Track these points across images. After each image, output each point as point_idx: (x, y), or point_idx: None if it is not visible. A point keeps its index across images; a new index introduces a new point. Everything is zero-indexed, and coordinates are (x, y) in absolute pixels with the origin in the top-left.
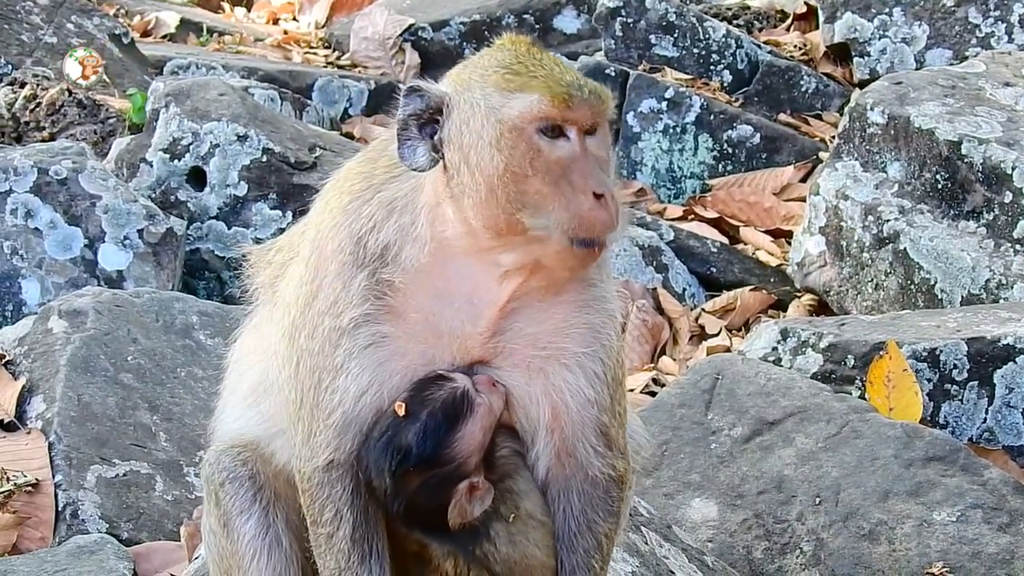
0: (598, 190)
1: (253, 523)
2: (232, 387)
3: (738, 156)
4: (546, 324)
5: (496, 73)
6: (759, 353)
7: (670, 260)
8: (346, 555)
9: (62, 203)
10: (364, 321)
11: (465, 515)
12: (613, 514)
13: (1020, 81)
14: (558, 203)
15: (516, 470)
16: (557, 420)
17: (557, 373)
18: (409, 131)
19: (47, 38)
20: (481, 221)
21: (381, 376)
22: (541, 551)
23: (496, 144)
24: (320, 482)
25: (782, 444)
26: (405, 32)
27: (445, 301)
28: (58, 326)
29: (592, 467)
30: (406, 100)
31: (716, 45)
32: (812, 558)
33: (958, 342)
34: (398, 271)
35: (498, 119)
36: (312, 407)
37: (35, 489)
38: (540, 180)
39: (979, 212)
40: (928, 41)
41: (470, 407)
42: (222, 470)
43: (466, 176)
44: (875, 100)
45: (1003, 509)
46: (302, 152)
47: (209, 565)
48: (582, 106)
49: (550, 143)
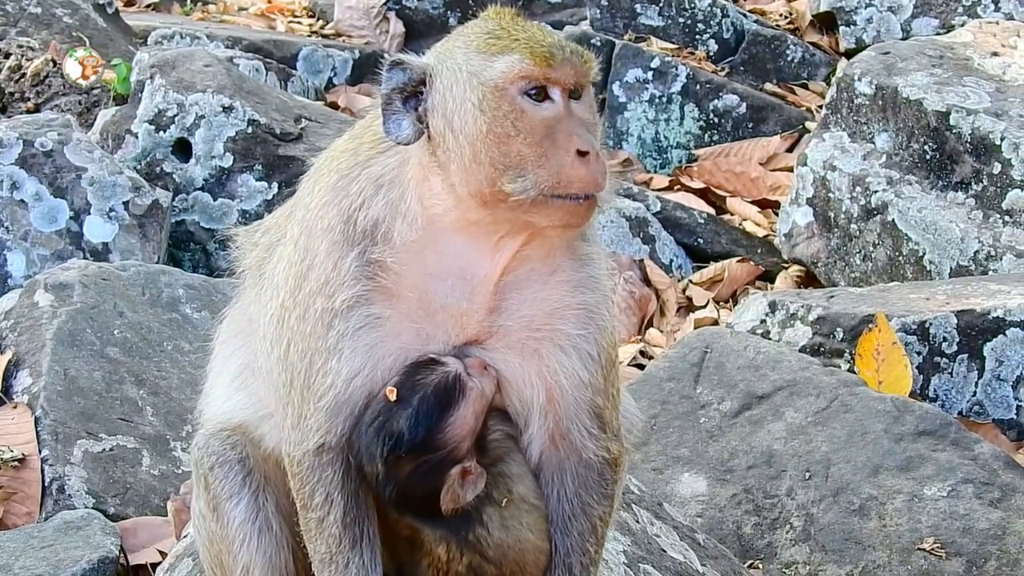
0: (582, 148)
1: (243, 507)
2: (219, 369)
3: (724, 126)
4: (542, 305)
5: (479, 39)
6: (747, 325)
7: (657, 231)
8: (337, 539)
9: (47, 175)
10: (357, 302)
11: (458, 500)
12: (607, 497)
13: (1008, 51)
14: (539, 163)
15: (508, 454)
16: (551, 402)
17: (552, 355)
18: (393, 105)
19: (31, 8)
20: (466, 188)
21: (374, 358)
22: (535, 535)
23: (479, 106)
24: (311, 466)
25: (771, 418)
26: (389, 1)
27: (438, 279)
28: (44, 300)
29: (586, 449)
30: (389, 74)
31: (702, 14)
32: (802, 533)
33: (947, 315)
34: (389, 250)
35: (480, 81)
36: (303, 389)
37: (21, 464)
38: (522, 141)
39: (968, 183)
40: (914, 10)
41: (462, 391)
42: (211, 454)
43: (451, 142)
44: (863, 70)
45: (994, 484)
46: (288, 123)
47: (199, 549)
48: (564, 65)
49: (534, 104)
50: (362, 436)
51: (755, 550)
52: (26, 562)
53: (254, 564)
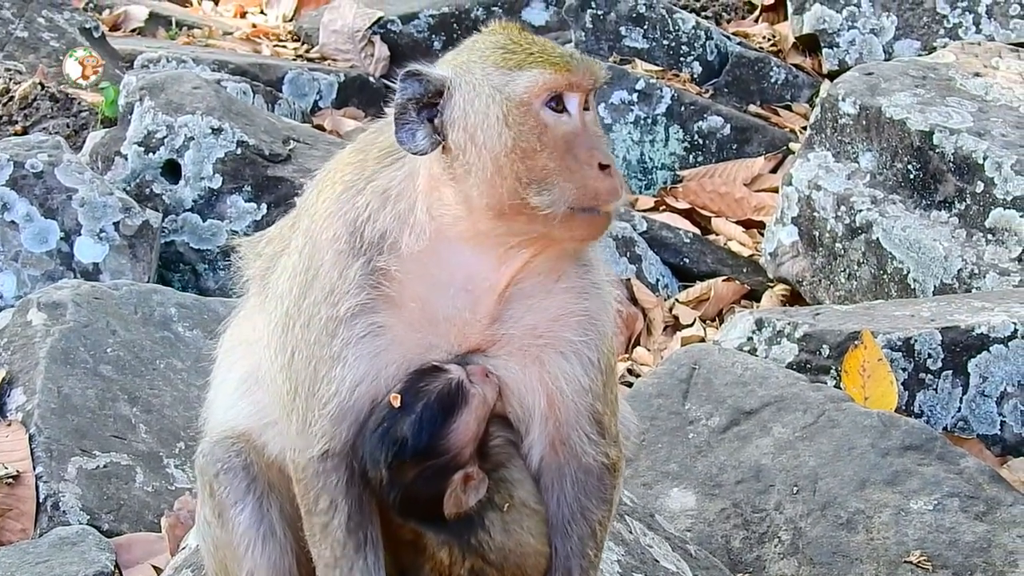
0: (604, 161)
1: (247, 514)
2: (222, 378)
3: (709, 147)
4: (545, 313)
5: (494, 53)
6: (734, 343)
7: (643, 251)
8: (341, 544)
9: (38, 196)
10: (361, 311)
11: (460, 505)
12: (606, 501)
13: (990, 71)
14: (564, 176)
15: (510, 459)
16: (552, 408)
17: (553, 361)
18: (408, 115)
19: (18, 32)
20: (486, 200)
21: (377, 366)
22: (535, 539)
23: (504, 121)
24: (315, 472)
25: (759, 434)
26: (374, 25)
27: (442, 289)
28: (37, 318)
29: (586, 455)
30: (404, 84)
31: (686, 37)
32: (790, 547)
33: (932, 331)
34: (394, 259)
35: (505, 96)
36: (307, 397)
37: (16, 481)
38: (547, 155)
39: (951, 202)
40: (896, 32)
41: (464, 398)
42: (215, 461)
43: (472, 155)
44: (847, 91)
45: (979, 498)
46: (276, 144)
47: (203, 555)
48: (582, 70)
49: (555, 117)
50: (366, 442)
51: (744, 564)
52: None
53: (258, 569)
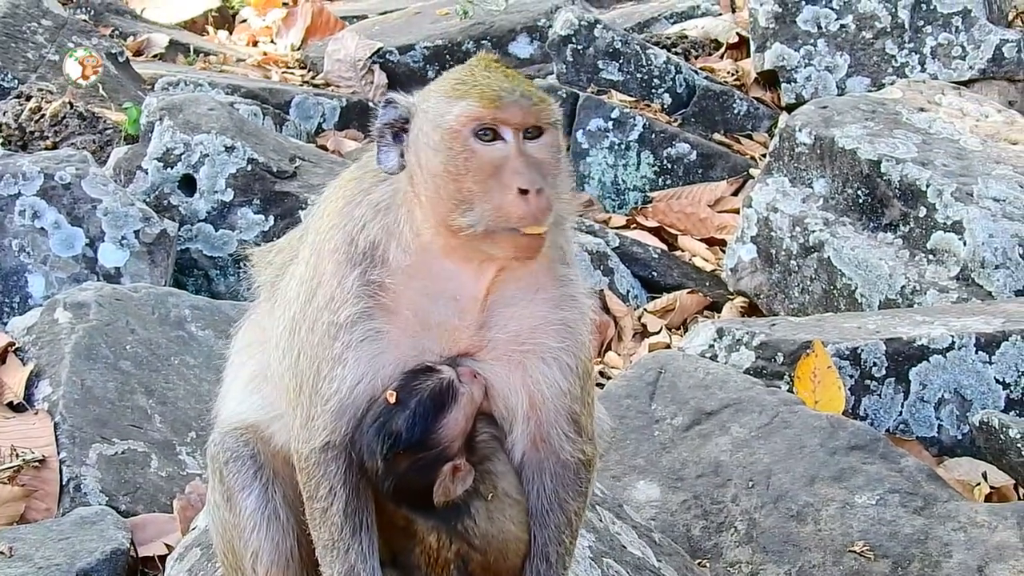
0: (523, 186)
1: (254, 498)
2: (234, 375)
3: (676, 171)
4: (526, 321)
5: (448, 84)
6: (697, 350)
7: (615, 265)
8: (339, 528)
9: (66, 205)
10: (359, 317)
11: (448, 494)
12: (581, 494)
13: (933, 107)
14: (483, 199)
15: (494, 453)
16: (534, 409)
17: (535, 366)
18: (385, 138)
19: (50, 56)
20: (432, 218)
21: (375, 367)
22: (516, 527)
23: (437, 146)
24: (317, 461)
25: (719, 432)
26: (374, 55)
27: (432, 299)
28: (63, 317)
29: (564, 451)
30: (383, 111)
31: (657, 70)
32: (745, 536)
33: (877, 342)
34: (387, 271)
35: (439, 124)
36: (311, 394)
37: (41, 465)
38: (471, 179)
39: (896, 225)
40: (849, 69)
41: (454, 396)
42: (226, 450)
43: (419, 177)
44: (803, 122)
45: (918, 494)
46: (283, 162)
47: (212, 535)
48: (511, 107)
49: (485, 146)
50: (364, 435)
51: (703, 550)
52: (45, 552)
53: (263, 549)
